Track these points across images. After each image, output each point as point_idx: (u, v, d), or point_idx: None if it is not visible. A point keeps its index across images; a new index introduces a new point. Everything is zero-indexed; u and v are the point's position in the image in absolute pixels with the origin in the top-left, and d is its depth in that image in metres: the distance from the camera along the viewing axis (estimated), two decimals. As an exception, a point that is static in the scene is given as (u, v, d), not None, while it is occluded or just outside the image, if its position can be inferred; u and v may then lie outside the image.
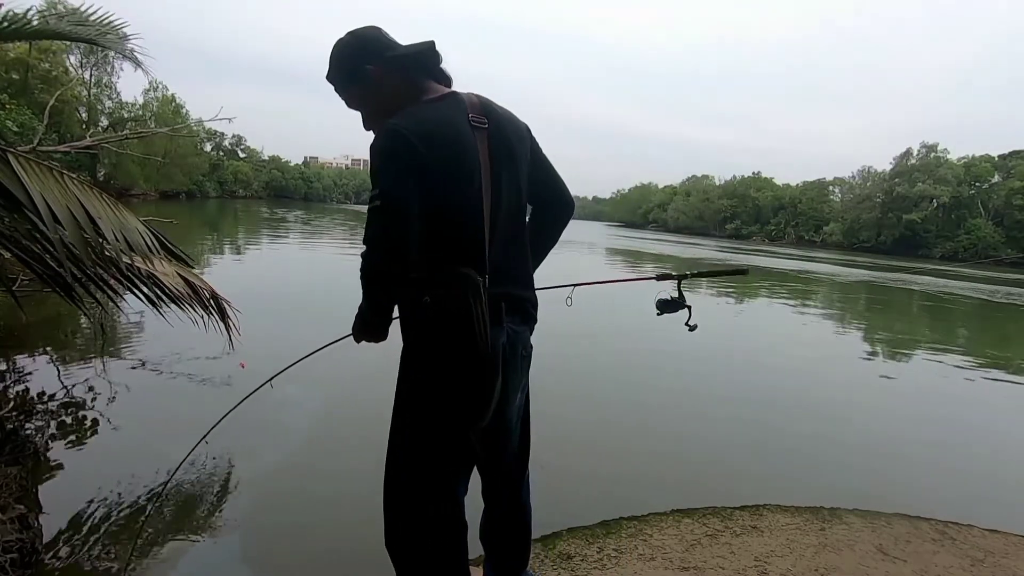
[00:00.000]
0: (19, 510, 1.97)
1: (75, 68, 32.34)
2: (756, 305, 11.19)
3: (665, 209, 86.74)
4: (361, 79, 1.36)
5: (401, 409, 1.36)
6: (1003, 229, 51.43)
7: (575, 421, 3.69)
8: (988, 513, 2.84)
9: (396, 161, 1.20)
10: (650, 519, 2.45)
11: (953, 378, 6.23)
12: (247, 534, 2.24)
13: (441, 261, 1.24)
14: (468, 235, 1.27)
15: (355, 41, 1.37)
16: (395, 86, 1.36)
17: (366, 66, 1.34)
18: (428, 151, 1.21)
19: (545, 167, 1.51)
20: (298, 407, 3.60)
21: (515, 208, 1.39)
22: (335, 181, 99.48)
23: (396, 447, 1.37)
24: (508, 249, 1.36)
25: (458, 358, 1.26)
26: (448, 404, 1.30)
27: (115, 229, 2.17)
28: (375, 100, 1.38)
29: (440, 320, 1.25)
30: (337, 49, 1.38)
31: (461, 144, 1.27)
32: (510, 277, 1.37)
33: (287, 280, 9.27)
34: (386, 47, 1.36)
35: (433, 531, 1.37)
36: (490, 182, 1.30)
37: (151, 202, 32.87)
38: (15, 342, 4.22)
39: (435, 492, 1.36)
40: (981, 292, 18.81)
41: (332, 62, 1.39)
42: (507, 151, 1.36)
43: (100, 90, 36.32)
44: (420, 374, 1.32)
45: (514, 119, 1.43)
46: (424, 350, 1.30)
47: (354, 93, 1.40)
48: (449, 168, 1.24)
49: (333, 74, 1.40)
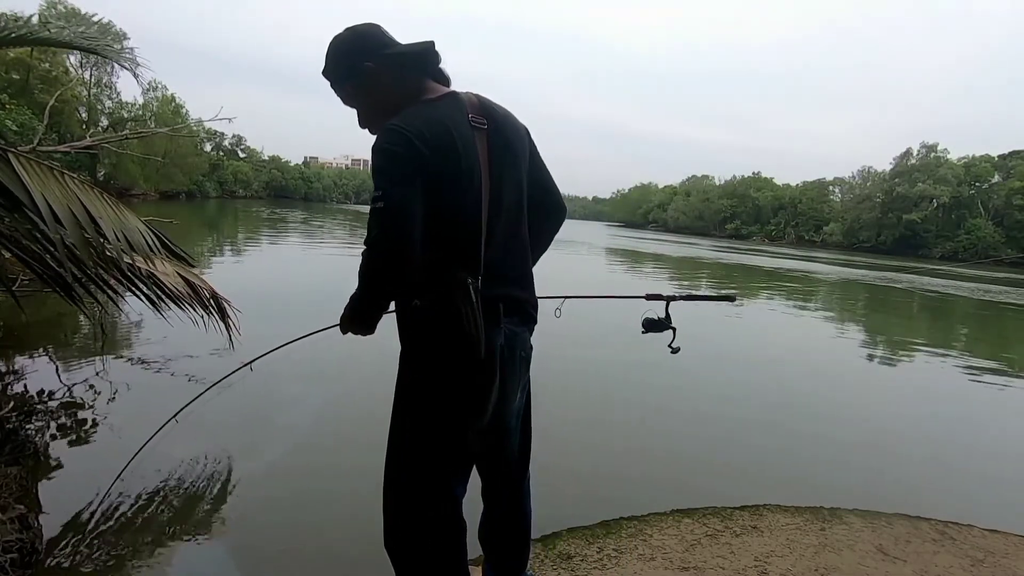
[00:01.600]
0: (19, 510, 1.97)
1: (75, 68, 32.32)
2: (756, 305, 11.19)
3: (665, 209, 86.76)
4: (357, 76, 1.35)
5: (400, 410, 1.36)
6: (1003, 229, 51.43)
7: (575, 421, 3.69)
8: (988, 513, 2.84)
9: (398, 162, 1.20)
10: (650, 519, 2.45)
11: (953, 377, 6.23)
12: (247, 534, 2.24)
13: (436, 263, 1.24)
14: (464, 236, 1.27)
15: (353, 37, 1.36)
16: (392, 84, 1.35)
17: (364, 63, 1.33)
18: (429, 152, 1.20)
19: (541, 169, 1.50)
20: (298, 406, 3.60)
21: (515, 209, 1.38)
22: (335, 181, 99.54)
23: (395, 447, 1.37)
24: (508, 250, 1.36)
25: (452, 360, 1.26)
26: (445, 405, 1.30)
27: (116, 229, 2.17)
28: (371, 98, 1.37)
29: (432, 323, 1.25)
30: (334, 45, 1.37)
31: (461, 145, 1.25)
32: (509, 278, 1.37)
33: (287, 280, 9.27)
34: (384, 44, 1.35)
35: (432, 531, 1.37)
36: (489, 183, 1.30)
37: (151, 202, 32.87)
38: (15, 342, 4.22)
39: (434, 492, 1.35)
40: (981, 292, 18.81)
41: (328, 57, 1.38)
42: (506, 151, 1.35)
43: (100, 90, 36.33)
44: (417, 375, 1.32)
45: (513, 119, 1.42)
46: (419, 352, 1.30)
47: (349, 90, 1.39)
48: (449, 169, 1.23)
49: (329, 70, 1.39)
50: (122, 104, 38.59)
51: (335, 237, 19.66)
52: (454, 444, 1.34)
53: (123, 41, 4.15)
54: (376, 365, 4.51)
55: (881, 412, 4.72)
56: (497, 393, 1.32)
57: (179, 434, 3.08)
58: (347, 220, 31.72)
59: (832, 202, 67.56)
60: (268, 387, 3.90)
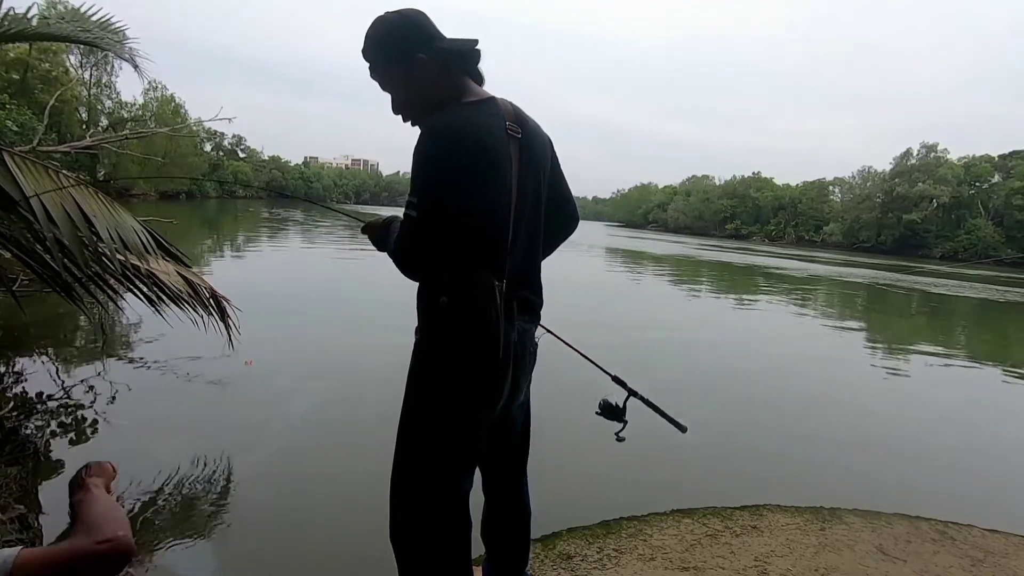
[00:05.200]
0: (19, 510, 1.97)
1: (75, 68, 32.30)
2: (756, 305, 11.19)
3: (665, 209, 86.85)
4: (407, 64, 1.32)
5: (413, 402, 1.37)
6: (1003, 229, 51.48)
7: (575, 421, 3.69)
8: (988, 513, 2.84)
9: (441, 168, 1.21)
10: (650, 519, 2.45)
11: (953, 377, 6.23)
12: (247, 533, 2.24)
13: (463, 264, 1.26)
14: (493, 241, 1.29)
15: (405, 24, 1.32)
16: (437, 79, 1.34)
17: (417, 54, 1.31)
18: (470, 158, 1.23)
19: (561, 180, 1.54)
20: (298, 406, 3.60)
21: (535, 216, 1.41)
22: (335, 181, 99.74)
23: (407, 440, 1.38)
24: (525, 254, 1.39)
25: (472, 356, 1.29)
26: (461, 397, 1.32)
27: (111, 228, 2.16)
28: (416, 89, 1.35)
29: (456, 320, 1.28)
30: (384, 27, 1.32)
31: (500, 153, 1.28)
32: (526, 283, 1.41)
33: (287, 280, 9.26)
34: (436, 37, 1.34)
35: (442, 525, 1.37)
36: (518, 191, 1.32)
37: (151, 202, 32.85)
38: (15, 342, 4.21)
39: (446, 485, 1.36)
40: (981, 292, 18.82)
41: (377, 40, 1.33)
42: (535, 162, 1.38)
43: (100, 90, 36.27)
44: (434, 368, 1.34)
45: (540, 130, 1.45)
46: (439, 346, 1.32)
47: (396, 77, 1.36)
48: (487, 176, 1.26)
49: (376, 52, 1.34)
50: (122, 104, 38.57)
51: (336, 237, 19.65)
52: (467, 437, 1.36)
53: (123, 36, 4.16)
54: (376, 364, 4.52)
55: (881, 412, 4.72)
56: (509, 387, 1.36)
57: (178, 434, 3.09)
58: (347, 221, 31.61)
59: (832, 202, 67.62)
60: (267, 387, 3.90)
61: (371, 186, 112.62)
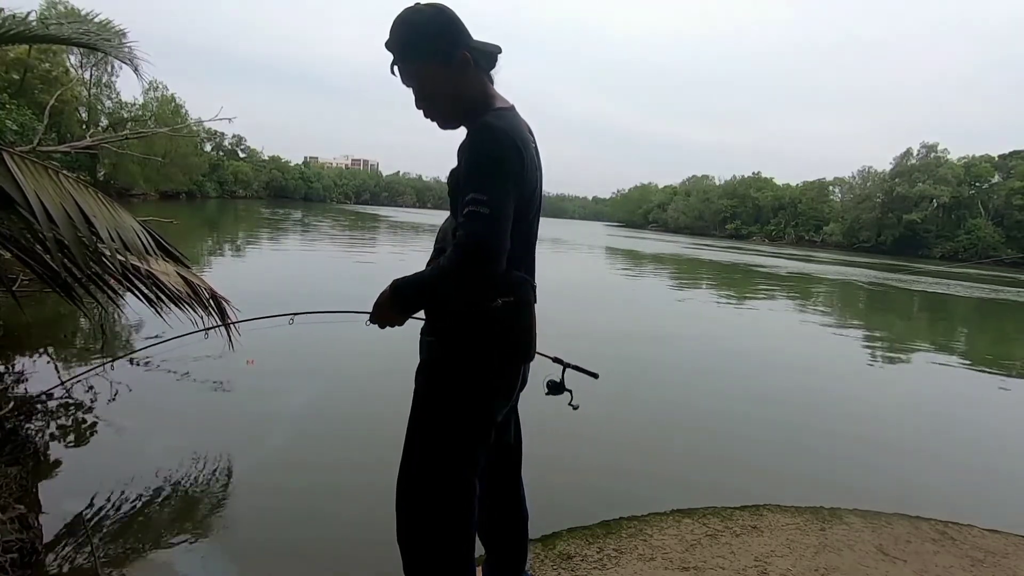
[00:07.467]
0: (19, 510, 1.97)
1: (75, 68, 32.27)
2: (756, 305, 11.19)
3: (665, 209, 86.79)
4: (447, 59, 1.28)
5: (427, 402, 1.37)
6: (1003, 229, 51.47)
7: (575, 421, 3.69)
8: (988, 513, 2.84)
9: (506, 169, 1.23)
10: (650, 519, 2.46)
11: (953, 377, 6.23)
12: (247, 533, 2.24)
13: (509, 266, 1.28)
14: (528, 242, 1.38)
15: (444, 19, 1.28)
16: (473, 78, 1.33)
17: (459, 51, 1.28)
18: (522, 162, 1.26)
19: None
20: (298, 405, 3.60)
21: (538, 216, 1.47)
22: (335, 181, 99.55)
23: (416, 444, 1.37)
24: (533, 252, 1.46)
25: (513, 355, 1.37)
26: (484, 393, 1.36)
27: (110, 228, 2.16)
28: (453, 86, 1.31)
29: (509, 319, 1.33)
30: (420, 19, 1.27)
31: (535, 159, 1.33)
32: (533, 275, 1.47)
33: (287, 280, 9.25)
34: (470, 36, 1.32)
35: (450, 525, 1.37)
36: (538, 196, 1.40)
37: (151, 202, 32.88)
38: (15, 342, 4.21)
39: (455, 486, 1.36)
40: (981, 291, 18.82)
41: (411, 32, 1.27)
42: (540, 168, 1.43)
43: (100, 90, 36.23)
44: (456, 365, 1.34)
45: None
46: (481, 346, 1.33)
47: (433, 72, 1.30)
48: (530, 179, 1.30)
49: (410, 46, 1.28)
50: (122, 104, 38.52)
51: (336, 237, 19.66)
52: (482, 432, 1.38)
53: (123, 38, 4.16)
54: (377, 364, 4.52)
55: (881, 412, 4.72)
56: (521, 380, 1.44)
57: (179, 434, 3.09)
58: (347, 220, 31.68)
59: (832, 202, 67.58)
60: (268, 385, 3.90)
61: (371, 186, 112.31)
